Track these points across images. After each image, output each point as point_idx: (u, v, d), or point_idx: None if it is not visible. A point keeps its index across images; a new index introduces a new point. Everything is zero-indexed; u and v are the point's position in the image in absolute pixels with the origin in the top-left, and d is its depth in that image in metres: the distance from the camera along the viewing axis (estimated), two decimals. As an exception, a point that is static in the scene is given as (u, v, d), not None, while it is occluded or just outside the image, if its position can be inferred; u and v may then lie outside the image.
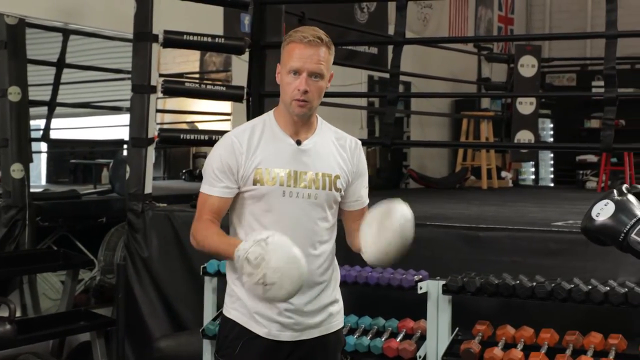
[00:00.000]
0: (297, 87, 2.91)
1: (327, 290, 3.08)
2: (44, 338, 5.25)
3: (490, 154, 10.43)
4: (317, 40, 2.94)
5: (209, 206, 2.99)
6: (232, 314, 3.06)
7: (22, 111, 5.85)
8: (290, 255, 2.71)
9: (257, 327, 3.01)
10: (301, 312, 3.00)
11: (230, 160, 2.97)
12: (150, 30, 5.35)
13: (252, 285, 2.70)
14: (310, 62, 2.91)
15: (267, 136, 2.99)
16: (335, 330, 3.14)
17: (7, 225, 5.72)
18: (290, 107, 2.94)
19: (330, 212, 3.03)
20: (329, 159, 3.02)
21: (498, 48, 13.30)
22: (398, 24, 5.88)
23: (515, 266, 4.45)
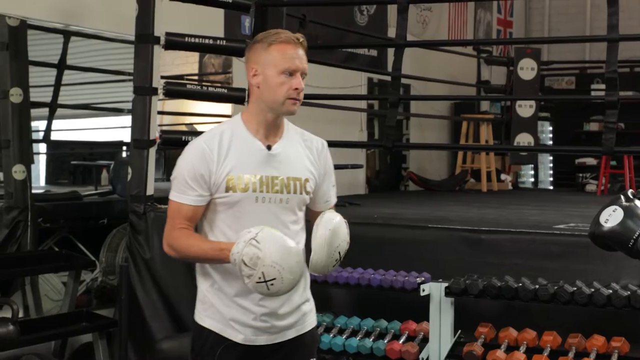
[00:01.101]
0: (294, 87, 2.95)
1: (299, 291, 3.08)
2: (46, 339, 5.25)
3: (490, 157, 10.44)
4: (303, 41, 3.01)
5: (182, 214, 2.98)
6: (207, 322, 3.05)
7: (24, 112, 5.84)
8: (283, 247, 2.74)
9: (233, 334, 3.01)
10: (276, 315, 3.02)
11: (202, 168, 2.96)
12: (152, 32, 5.34)
13: (254, 285, 2.72)
14: (302, 62, 2.98)
15: (237, 142, 3.00)
16: (310, 329, 3.16)
17: (9, 227, 5.72)
18: (283, 107, 2.97)
19: (300, 214, 3.05)
20: (298, 162, 3.05)
21: (497, 51, 13.32)
22: (399, 27, 5.89)
23: (517, 269, 4.47)
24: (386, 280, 4.47)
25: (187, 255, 3.00)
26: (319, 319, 4.64)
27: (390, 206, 7.22)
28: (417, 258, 4.85)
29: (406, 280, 4.41)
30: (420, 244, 4.96)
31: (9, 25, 5.70)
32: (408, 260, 4.78)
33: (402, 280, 4.41)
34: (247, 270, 2.71)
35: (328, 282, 4.60)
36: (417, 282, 4.37)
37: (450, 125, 12.10)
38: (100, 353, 5.25)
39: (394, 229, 5.22)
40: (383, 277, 4.49)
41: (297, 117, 8.16)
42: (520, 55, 10.63)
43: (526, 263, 4.58)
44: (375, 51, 10.05)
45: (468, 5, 12.67)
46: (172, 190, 3.01)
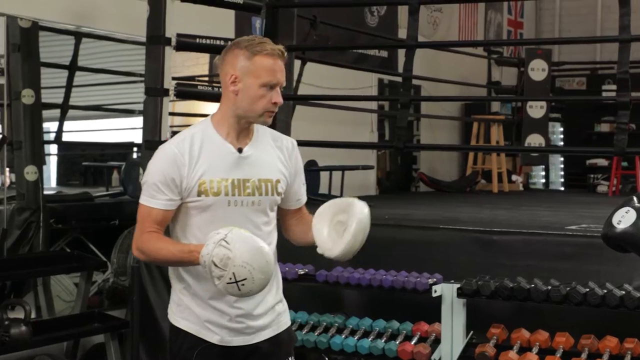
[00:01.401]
0: (273, 100, 2.94)
1: (272, 291, 3.09)
2: (58, 340, 5.26)
3: (500, 158, 10.41)
4: (285, 53, 2.99)
5: (152, 218, 2.97)
6: (182, 324, 3.06)
7: (36, 114, 5.85)
8: (254, 247, 2.73)
9: (209, 335, 3.02)
10: (251, 316, 3.03)
11: (173, 172, 2.95)
12: (163, 33, 5.33)
13: (225, 286, 2.71)
14: (282, 76, 2.98)
15: (208, 145, 2.99)
16: (286, 328, 3.18)
17: (21, 228, 5.73)
18: (261, 119, 2.98)
19: (272, 215, 3.06)
20: (270, 164, 3.05)
21: (508, 52, 13.30)
22: (410, 28, 5.88)
23: (529, 270, 4.46)
24: (398, 281, 4.46)
25: (156, 258, 3.00)
26: (330, 320, 4.67)
27: (401, 207, 7.21)
28: (428, 259, 4.84)
29: (418, 281, 4.39)
30: (431, 244, 4.95)
31: (21, 27, 5.70)
32: (420, 261, 4.77)
33: (414, 281, 4.40)
34: (217, 271, 2.69)
35: (340, 283, 4.60)
36: (429, 283, 4.36)
37: (461, 126, 12.08)
38: (112, 354, 5.26)
39: (406, 230, 5.21)
40: (395, 278, 4.48)
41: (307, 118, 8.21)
42: (530, 56, 10.62)
43: (539, 264, 4.57)
44: (385, 52, 10.04)
45: (478, 6, 12.65)
46: (142, 194, 3.00)
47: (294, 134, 6.62)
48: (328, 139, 7.88)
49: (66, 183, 7.61)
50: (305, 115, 7.46)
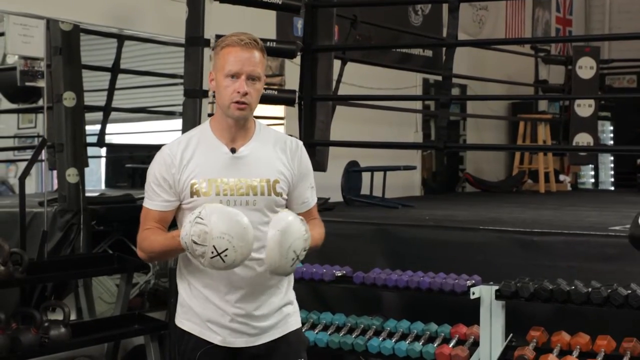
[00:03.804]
0: (236, 90, 2.92)
1: (279, 294, 3.08)
2: (98, 341, 5.29)
3: (548, 157, 10.29)
4: (254, 43, 2.96)
5: (151, 218, 3.02)
6: (186, 325, 3.07)
7: (77, 116, 5.88)
8: (229, 217, 2.72)
9: (212, 336, 3.01)
10: (252, 317, 3.01)
11: (165, 174, 2.98)
12: (202, 34, 5.36)
13: (209, 262, 2.69)
14: (248, 65, 2.93)
15: (202, 147, 3.01)
16: (294, 329, 3.14)
17: (62, 230, 5.77)
18: (229, 111, 2.96)
19: (272, 216, 2.96)
20: (267, 163, 3.03)
21: (556, 49, 13.13)
22: (450, 26, 5.84)
23: (570, 271, 4.40)
24: (435, 283, 4.43)
25: (152, 251, 3.01)
26: (368, 322, 4.65)
27: (444, 208, 7.15)
28: (468, 260, 4.80)
29: (456, 283, 4.36)
30: (471, 245, 4.91)
31: (62, 30, 5.74)
32: (459, 263, 4.74)
33: (452, 283, 4.37)
34: (198, 248, 2.68)
35: (377, 285, 4.58)
36: (467, 285, 4.33)
37: (507, 126, 11.96)
38: (152, 355, 5.27)
39: (445, 231, 5.17)
40: (432, 280, 4.45)
41: (351, 119, 8.17)
42: (578, 53, 10.46)
43: (580, 265, 4.51)
44: (430, 51, 9.96)
45: (525, 3, 12.51)
46: (144, 198, 3.06)
47: (336, 135, 6.61)
48: (372, 140, 7.84)
49: (114, 185, 7.66)
50: (348, 116, 7.43)
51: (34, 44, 5.48)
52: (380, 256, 5.08)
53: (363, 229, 5.34)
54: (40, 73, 5.56)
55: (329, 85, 6.39)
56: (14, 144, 6.56)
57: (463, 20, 9.80)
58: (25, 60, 5.49)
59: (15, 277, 4.71)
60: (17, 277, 4.72)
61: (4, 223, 5.63)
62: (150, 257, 3.12)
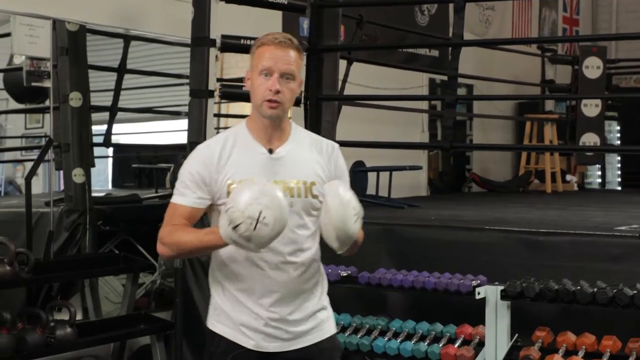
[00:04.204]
0: (268, 88, 2.89)
1: (313, 298, 3.04)
2: (103, 341, 5.29)
3: (554, 157, 10.27)
4: (288, 42, 2.92)
5: (179, 214, 2.96)
6: (218, 328, 3.02)
7: (83, 116, 5.90)
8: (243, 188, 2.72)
9: (245, 340, 2.97)
10: (286, 322, 2.97)
11: (202, 171, 2.95)
12: (208, 35, 5.35)
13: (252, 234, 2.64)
14: (282, 63, 2.89)
15: (239, 147, 2.97)
16: (329, 336, 3.10)
17: (69, 229, 5.78)
18: (262, 109, 2.93)
19: (309, 219, 2.98)
20: (304, 165, 2.99)
21: (563, 49, 13.11)
22: (456, 26, 5.83)
23: (576, 271, 4.38)
24: (441, 283, 4.42)
25: (178, 245, 2.92)
26: (373, 323, 4.64)
27: (450, 208, 7.15)
28: (473, 260, 4.79)
29: (461, 283, 4.35)
30: (476, 246, 4.90)
31: (68, 31, 5.76)
32: (464, 263, 4.72)
33: (457, 283, 4.36)
34: (241, 228, 2.64)
35: (382, 285, 4.57)
36: (473, 285, 4.32)
37: (514, 126, 11.95)
38: (158, 355, 5.26)
39: (451, 231, 5.16)
40: (438, 280, 4.44)
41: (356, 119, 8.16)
42: (585, 53, 10.44)
43: (586, 265, 4.49)
44: (436, 52, 9.96)
45: (532, 3, 12.50)
46: (173, 194, 3.02)
47: (342, 135, 6.60)
48: (379, 140, 7.84)
49: (121, 185, 7.68)
50: (354, 116, 7.43)
51: (40, 44, 5.48)
52: (385, 256, 5.06)
53: (368, 229, 5.22)
54: (47, 73, 5.56)
55: (335, 85, 6.38)
56: (22, 144, 6.59)
57: (469, 20, 9.80)
58: (31, 60, 5.50)
59: (21, 277, 4.71)
60: (23, 277, 4.72)
61: (11, 223, 5.65)
62: (175, 254, 3.05)
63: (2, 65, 5.90)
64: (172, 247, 2.95)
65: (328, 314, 3.13)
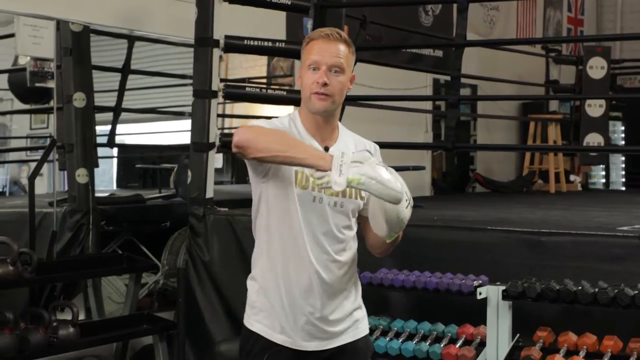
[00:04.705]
0: (316, 80, 2.87)
1: (351, 297, 3.04)
2: (106, 341, 5.30)
3: (558, 157, 10.26)
4: (337, 35, 2.92)
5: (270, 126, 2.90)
6: (256, 327, 3.00)
7: (87, 117, 5.91)
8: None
9: (282, 338, 2.96)
10: (327, 321, 2.96)
11: None
12: (211, 35, 5.37)
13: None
14: (330, 56, 2.89)
15: (295, 136, 2.92)
16: (363, 335, 3.10)
17: (72, 230, 5.80)
18: (310, 103, 2.90)
19: (353, 220, 2.99)
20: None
21: (567, 49, 13.10)
22: (459, 26, 5.83)
23: (578, 272, 4.36)
24: (442, 283, 4.40)
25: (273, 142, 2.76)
26: (375, 323, 4.63)
27: (453, 208, 7.13)
28: (475, 260, 4.77)
29: (463, 283, 4.33)
30: (478, 246, 4.88)
31: (72, 31, 5.78)
32: (466, 263, 4.70)
33: (459, 283, 4.34)
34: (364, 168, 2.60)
35: (384, 285, 4.56)
36: (474, 285, 4.30)
37: (518, 126, 11.94)
38: (161, 355, 5.28)
39: (452, 231, 5.14)
40: (439, 280, 4.42)
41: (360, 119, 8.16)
42: (589, 53, 10.42)
43: (588, 266, 4.47)
44: (440, 52, 9.96)
45: (537, 3, 12.48)
46: None
47: (345, 135, 6.59)
48: (382, 140, 7.81)
49: (125, 186, 7.70)
50: (357, 116, 7.42)
51: (44, 44, 5.51)
52: (387, 256, 5.02)
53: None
54: (50, 74, 5.59)
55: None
56: (27, 144, 6.60)
57: (474, 20, 9.79)
58: (35, 61, 5.52)
59: (24, 277, 4.72)
60: (26, 277, 4.73)
61: (14, 223, 5.67)
62: (262, 149, 2.77)
63: (7, 66, 5.91)
64: (266, 143, 2.77)
65: (363, 314, 3.14)
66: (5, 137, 6.49)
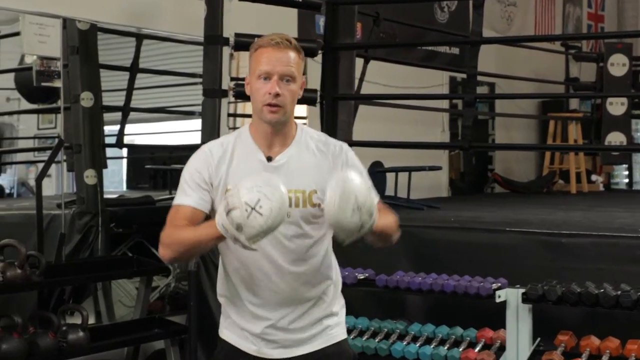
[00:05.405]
0: (267, 91, 2.78)
1: (321, 305, 2.96)
2: (116, 345, 5.19)
3: (579, 157, 10.13)
4: (286, 43, 2.82)
5: (181, 215, 2.83)
6: (225, 334, 3.02)
7: (95, 117, 5.82)
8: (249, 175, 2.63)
9: (247, 345, 2.94)
10: (285, 330, 2.91)
11: (203, 171, 2.86)
12: (221, 33, 5.27)
13: (245, 221, 2.49)
14: (281, 65, 2.79)
15: (239, 152, 2.88)
16: (336, 342, 3.01)
17: (81, 232, 5.70)
18: (262, 114, 2.82)
19: (310, 227, 2.86)
20: (305, 173, 2.86)
21: (587, 46, 12.95)
22: (475, 23, 5.72)
23: (599, 274, 4.28)
24: (460, 286, 4.33)
25: (179, 246, 2.76)
26: (391, 326, 4.53)
27: (471, 209, 7.02)
28: (494, 263, 4.68)
29: (481, 286, 4.26)
30: (497, 248, 4.79)
31: (79, 29, 5.67)
32: (485, 265, 4.63)
33: (477, 286, 4.27)
34: (234, 214, 2.49)
35: (400, 287, 4.49)
36: (493, 288, 4.23)
37: (538, 125, 11.80)
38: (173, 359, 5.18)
39: (470, 233, 5.06)
40: (457, 283, 4.35)
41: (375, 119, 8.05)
42: (610, 50, 10.26)
43: (610, 268, 4.39)
44: (456, 49, 9.82)
45: (556, 0, 12.36)
46: (175, 197, 2.91)
47: (359, 135, 6.49)
48: (398, 139, 7.71)
49: (135, 187, 7.60)
50: (372, 115, 7.32)
51: (50, 43, 5.41)
52: (403, 258, 4.97)
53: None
54: (57, 73, 5.48)
55: (351, 84, 6.28)
56: (34, 145, 6.51)
57: (491, 16, 9.66)
58: (41, 60, 5.43)
59: (33, 280, 4.63)
60: (34, 280, 4.64)
61: (22, 225, 5.58)
62: (176, 254, 2.83)
63: (14, 65, 5.83)
64: (171, 247, 2.79)
65: (337, 320, 3.05)
66: (13, 137, 6.40)
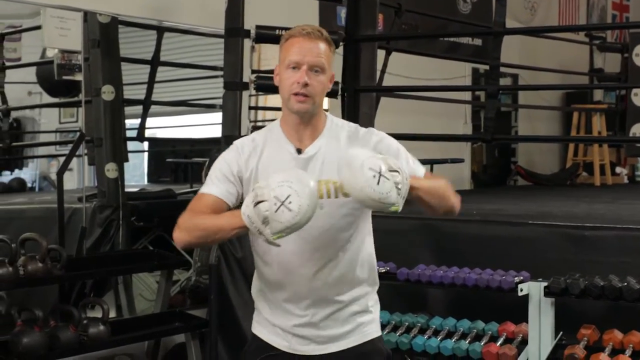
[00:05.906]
0: (296, 81, 2.76)
1: (354, 302, 2.93)
2: (137, 339, 5.20)
3: (603, 149, 10.04)
4: (317, 34, 2.82)
5: (203, 203, 2.81)
6: (257, 329, 3.01)
7: (116, 110, 5.83)
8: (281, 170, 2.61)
9: (278, 341, 2.93)
10: (316, 326, 2.88)
11: (232, 164, 2.84)
12: (242, 25, 5.26)
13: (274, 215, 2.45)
14: (311, 55, 2.78)
15: (270, 145, 2.87)
16: (370, 339, 2.97)
17: (102, 225, 5.71)
18: (290, 104, 2.80)
19: (343, 220, 2.83)
20: (335, 163, 2.77)
21: (612, 37, 12.83)
22: (497, 14, 5.67)
23: (623, 267, 4.22)
24: (482, 279, 4.29)
25: (195, 226, 2.72)
26: (412, 320, 4.50)
27: (493, 202, 6.96)
28: (516, 256, 4.63)
29: (503, 280, 4.22)
30: (519, 241, 4.73)
31: (100, 22, 5.68)
32: (507, 259, 4.58)
33: (499, 280, 4.23)
34: (262, 206, 2.45)
35: (421, 281, 4.46)
36: (515, 281, 4.18)
37: (561, 117, 11.70)
38: (193, 353, 5.18)
39: (493, 226, 4.99)
40: (479, 277, 4.31)
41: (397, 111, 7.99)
42: (635, 40, 10.13)
43: (634, 261, 4.32)
44: (479, 40, 9.75)
45: (580, -11, 12.26)
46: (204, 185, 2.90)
47: (381, 127, 6.38)
48: (420, 132, 7.66)
49: (156, 180, 7.60)
50: (394, 108, 7.27)
51: (71, 36, 5.43)
52: (425, 252, 4.93)
53: (407, 223, 5.17)
54: (78, 66, 5.50)
55: (373, 76, 6.24)
56: (56, 139, 6.53)
57: (514, 7, 9.58)
58: (62, 53, 5.44)
59: (54, 274, 4.62)
60: (55, 274, 4.64)
61: (43, 219, 5.60)
62: (193, 239, 2.78)
63: (35, 59, 5.84)
64: (189, 231, 2.74)
65: (372, 317, 3.01)
66: (35, 131, 6.42)
